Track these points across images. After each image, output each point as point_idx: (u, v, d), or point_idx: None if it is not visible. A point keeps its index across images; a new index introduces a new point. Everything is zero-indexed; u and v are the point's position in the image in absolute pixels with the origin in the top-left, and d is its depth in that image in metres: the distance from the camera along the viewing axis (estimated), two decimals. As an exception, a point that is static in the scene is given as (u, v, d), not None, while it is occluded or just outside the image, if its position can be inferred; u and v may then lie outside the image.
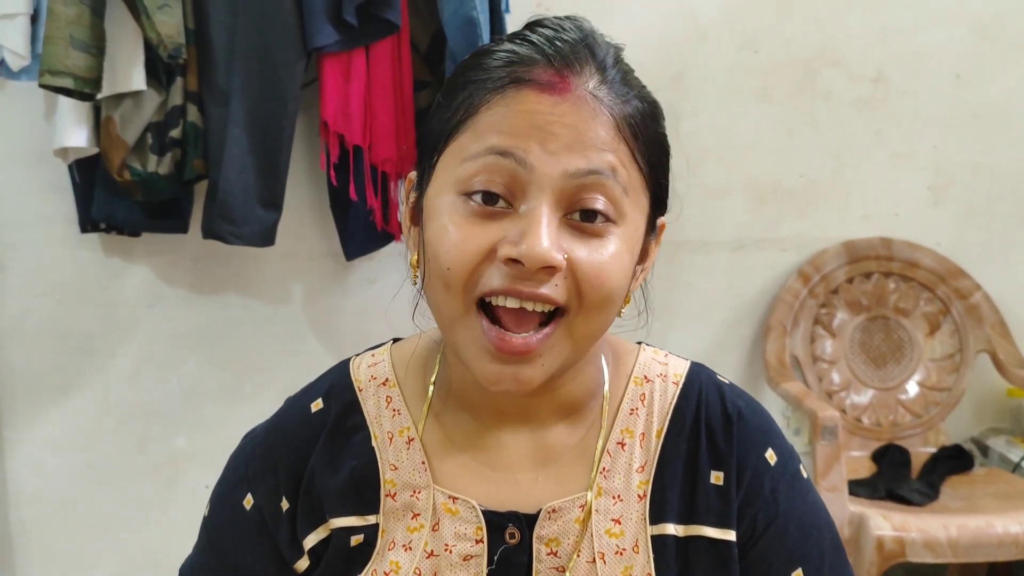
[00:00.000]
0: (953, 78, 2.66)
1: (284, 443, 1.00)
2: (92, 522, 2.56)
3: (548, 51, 0.85)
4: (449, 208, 0.84)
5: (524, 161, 0.82)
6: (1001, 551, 2.18)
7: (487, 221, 0.83)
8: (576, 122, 0.83)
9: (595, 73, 0.86)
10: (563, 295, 0.84)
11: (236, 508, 1.00)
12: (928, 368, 2.67)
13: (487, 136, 0.83)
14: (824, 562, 0.96)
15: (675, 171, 2.85)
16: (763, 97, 2.62)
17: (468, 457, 0.96)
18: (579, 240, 0.84)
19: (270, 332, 2.53)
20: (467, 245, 0.82)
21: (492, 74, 0.86)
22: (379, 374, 1.01)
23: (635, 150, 0.86)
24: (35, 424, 2.52)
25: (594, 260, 0.83)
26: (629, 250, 0.87)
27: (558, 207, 0.83)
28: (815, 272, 2.66)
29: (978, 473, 2.56)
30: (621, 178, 0.84)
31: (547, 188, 0.82)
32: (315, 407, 1.00)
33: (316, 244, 2.50)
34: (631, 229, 0.86)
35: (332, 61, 2.21)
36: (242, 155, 2.20)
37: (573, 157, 0.82)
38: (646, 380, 0.99)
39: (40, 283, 2.46)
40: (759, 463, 0.96)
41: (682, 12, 2.57)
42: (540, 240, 0.80)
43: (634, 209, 0.87)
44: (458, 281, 0.83)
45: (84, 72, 2.04)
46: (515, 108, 0.83)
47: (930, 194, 2.70)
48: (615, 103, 0.85)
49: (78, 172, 2.32)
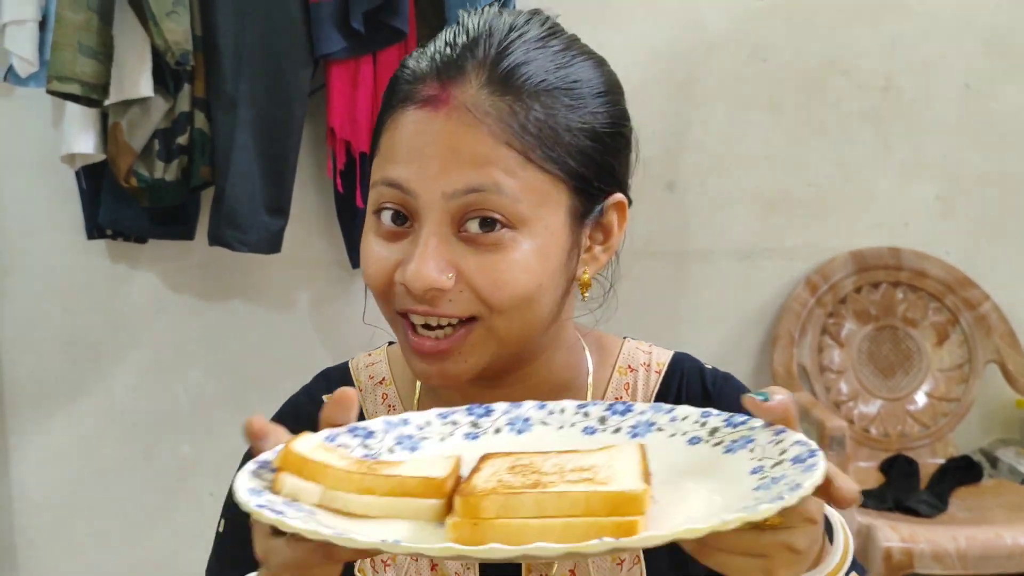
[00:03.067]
0: (962, 88, 2.65)
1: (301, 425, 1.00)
2: (97, 530, 2.55)
3: (436, 62, 0.86)
4: (369, 227, 0.89)
5: (408, 189, 0.85)
6: (1011, 563, 2.16)
7: (394, 241, 0.87)
8: (450, 140, 0.84)
9: (480, 76, 0.85)
10: (465, 307, 0.85)
11: None
12: (937, 378, 2.66)
13: (384, 165, 0.87)
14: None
15: (682, 180, 2.82)
16: (771, 106, 2.62)
17: None
18: (473, 252, 0.85)
19: (276, 339, 2.52)
20: (378, 266, 0.87)
21: (394, 94, 0.89)
22: (376, 373, 1.03)
23: (529, 153, 0.84)
24: (41, 431, 2.52)
25: (488, 271, 0.85)
26: (540, 250, 0.86)
27: (450, 224, 0.85)
28: (823, 281, 2.65)
29: (987, 484, 2.54)
30: (508, 188, 0.84)
31: (432, 210, 0.84)
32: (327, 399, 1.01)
33: (322, 251, 2.50)
34: (539, 228, 0.86)
35: (339, 68, 2.22)
36: (249, 162, 2.20)
37: (450, 177, 0.83)
38: (630, 370, 1.00)
39: (46, 289, 2.47)
40: None
41: (690, 21, 2.56)
42: (419, 266, 0.84)
43: (539, 209, 0.86)
44: (378, 296, 0.89)
45: (92, 78, 2.05)
46: (399, 132, 0.86)
47: (939, 204, 2.69)
48: (498, 108, 0.84)
49: (85, 178, 2.32)
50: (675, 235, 2.64)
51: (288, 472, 0.69)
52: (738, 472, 0.72)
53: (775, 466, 0.70)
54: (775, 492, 0.66)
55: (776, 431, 0.73)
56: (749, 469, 0.72)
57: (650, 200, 2.60)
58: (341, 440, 0.78)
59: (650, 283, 2.60)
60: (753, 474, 0.71)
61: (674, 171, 2.61)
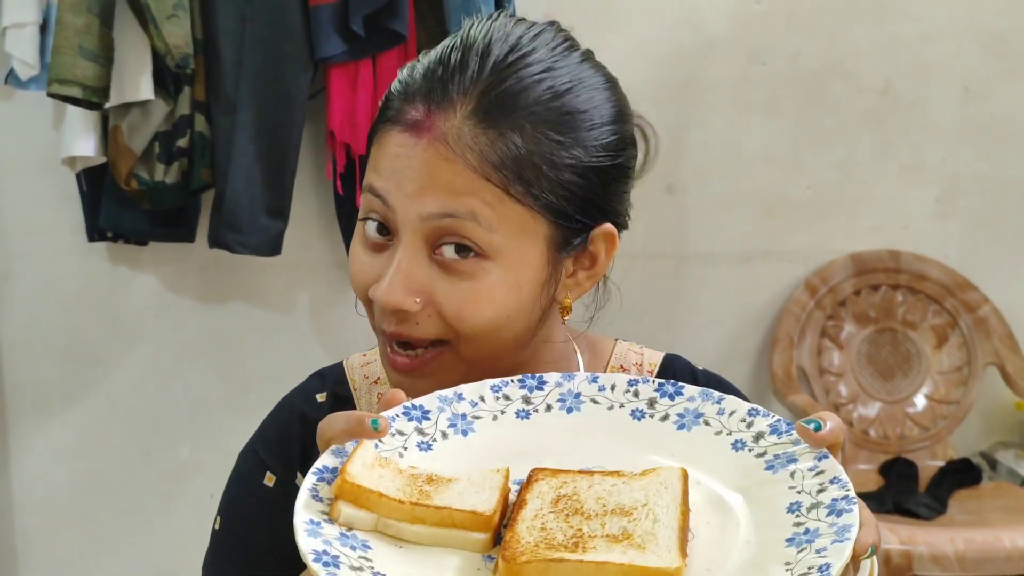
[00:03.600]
0: (962, 91, 2.65)
1: (295, 421, 1.01)
2: (97, 532, 2.56)
3: (428, 83, 0.86)
4: (358, 230, 0.90)
5: (388, 203, 0.85)
6: (1009, 565, 2.16)
7: (377, 252, 0.88)
8: (427, 168, 0.84)
9: (464, 106, 0.84)
10: (431, 331, 0.86)
11: (258, 491, 1.00)
12: (936, 381, 2.66)
13: (371, 173, 0.88)
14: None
15: (682, 183, 2.82)
16: (771, 109, 2.62)
17: None
18: (445, 277, 0.85)
19: (276, 342, 2.53)
20: (360, 277, 0.88)
21: (388, 105, 0.89)
22: (371, 373, 1.04)
23: (509, 186, 0.84)
24: (41, 433, 2.52)
25: (455, 298, 0.85)
26: (510, 280, 0.86)
27: (424, 245, 0.85)
28: (822, 284, 2.65)
29: (986, 487, 2.55)
30: (484, 217, 0.84)
31: (408, 229, 0.85)
32: (320, 398, 1.03)
33: (322, 254, 2.50)
34: (513, 259, 0.85)
35: (339, 71, 2.22)
36: (249, 165, 2.20)
37: (427, 200, 0.84)
38: (622, 369, 1.01)
39: (47, 291, 2.48)
40: None
41: (690, 24, 2.57)
42: (387, 287, 0.84)
43: (515, 240, 0.85)
44: (364, 307, 0.91)
45: (92, 81, 2.06)
46: (383, 149, 0.87)
47: (938, 207, 2.70)
48: (479, 143, 0.84)
49: (86, 181, 2.33)
50: (674, 237, 2.65)
51: (344, 501, 0.73)
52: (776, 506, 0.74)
53: (811, 509, 0.72)
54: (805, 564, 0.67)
55: (818, 456, 0.76)
56: (787, 504, 0.73)
57: (649, 202, 2.60)
58: (398, 425, 0.81)
59: (649, 285, 2.60)
60: (790, 513, 0.72)
61: (674, 173, 2.61)
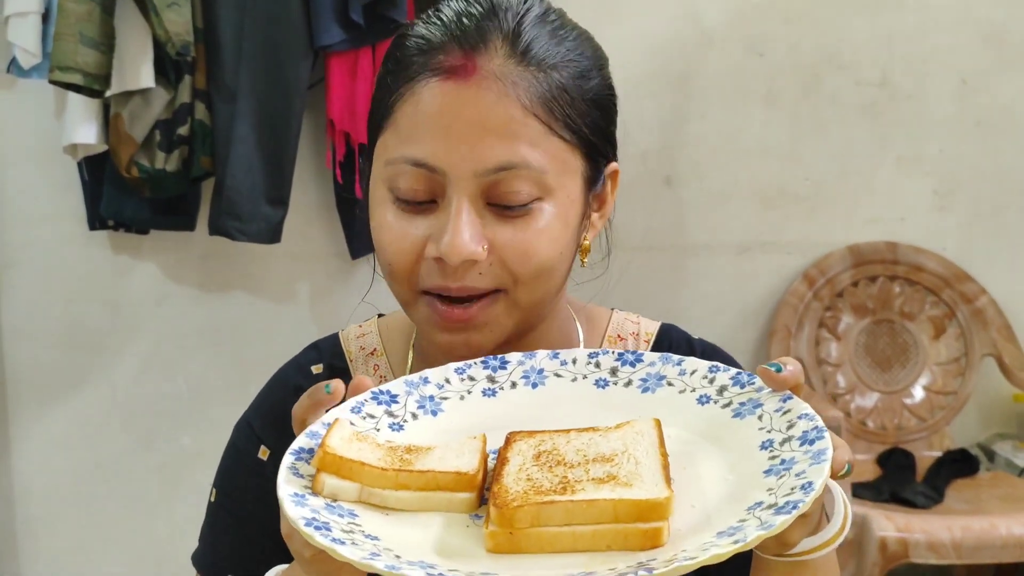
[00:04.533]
0: (959, 82, 2.66)
1: (289, 394, 1.01)
2: (98, 520, 2.57)
3: (455, 31, 0.86)
4: (383, 201, 0.88)
5: (436, 168, 0.84)
6: (1005, 552, 2.17)
7: (416, 216, 0.87)
8: (480, 111, 0.84)
9: (502, 47, 0.85)
10: (492, 280, 0.87)
11: (252, 464, 1.01)
12: (933, 372, 2.66)
13: (403, 142, 0.86)
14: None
15: (680, 175, 2.83)
16: (769, 101, 2.63)
17: None
18: (503, 223, 0.86)
19: (276, 330, 2.54)
20: (402, 243, 0.87)
21: (406, 64, 0.87)
22: (367, 344, 1.04)
23: (552, 123, 0.86)
24: (42, 422, 2.54)
25: (518, 241, 0.86)
26: (562, 218, 0.88)
27: (478, 198, 0.85)
28: (820, 275, 2.66)
29: (983, 477, 2.55)
30: (536, 161, 0.85)
31: (462, 187, 0.84)
32: (316, 370, 1.03)
33: (322, 243, 2.52)
34: (562, 196, 0.88)
35: (339, 60, 2.24)
36: (249, 153, 2.22)
37: (482, 155, 0.84)
38: (619, 339, 1.02)
39: (48, 280, 2.49)
40: None
41: (688, 16, 2.58)
42: (456, 237, 0.84)
43: (562, 177, 0.87)
44: (401, 276, 0.88)
45: (93, 68, 2.07)
46: (423, 105, 0.85)
47: (936, 198, 2.70)
48: (524, 78, 0.85)
49: (87, 170, 2.34)
50: (673, 229, 2.66)
51: (326, 472, 0.72)
52: (748, 446, 0.75)
53: (784, 443, 0.73)
54: (787, 486, 0.68)
55: (783, 397, 0.77)
56: (759, 443, 0.74)
57: (648, 194, 2.62)
58: (368, 409, 0.81)
59: (648, 277, 2.61)
60: (763, 450, 0.74)
61: (672, 166, 2.62)
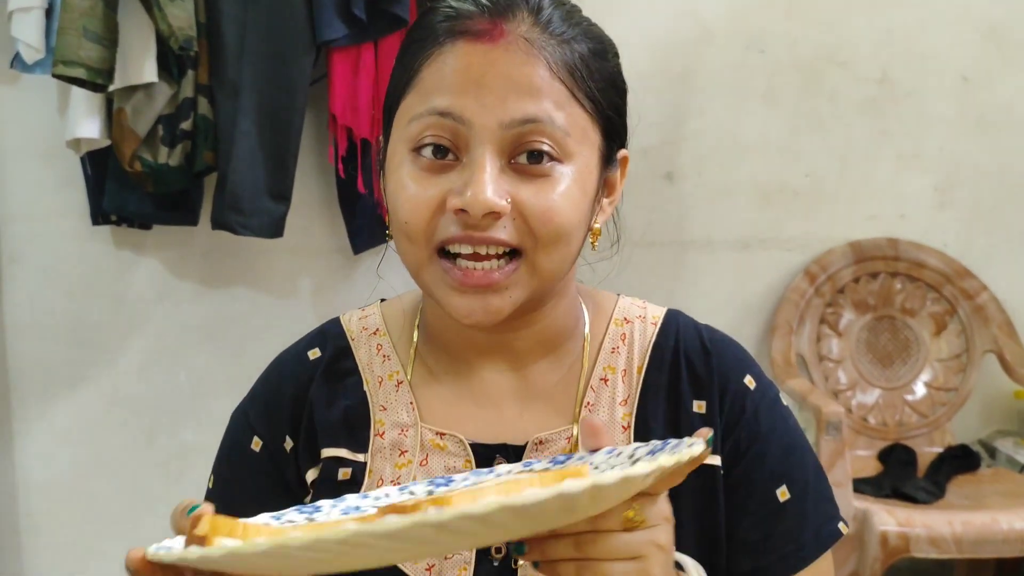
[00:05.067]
0: (960, 80, 2.67)
1: (284, 384, 1.03)
2: (100, 515, 2.57)
3: (483, 1, 0.89)
4: (403, 164, 0.89)
5: (462, 118, 0.86)
6: (1006, 547, 2.17)
7: (437, 174, 0.88)
8: (508, 69, 0.86)
9: (528, 16, 0.89)
10: (515, 236, 0.88)
11: (246, 455, 1.02)
12: (935, 368, 2.67)
13: (429, 96, 0.88)
14: (808, 481, 0.98)
15: (681, 171, 2.84)
16: (769, 97, 2.64)
17: (455, 396, 1.00)
18: (525, 182, 0.87)
19: (278, 326, 2.54)
20: (420, 198, 0.88)
21: (433, 31, 0.90)
22: (370, 325, 1.05)
23: (574, 89, 0.88)
24: (44, 416, 2.54)
25: (540, 199, 0.87)
26: (580, 186, 0.90)
27: (501, 154, 0.87)
28: (821, 272, 2.67)
29: (984, 473, 2.55)
30: (559, 120, 0.87)
31: (487, 139, 0.86)
32: (312, 355, 1.04)
33: (324, 239, 2.52)
34: (580, 165, 0.89)
35: (341, 55, 2.25)
36: (251, 147, 2.22)
37: (508, 108, 0.86)
38: (626, 321, 1.03)
39: (51, 275, 2.49)
40: (739, 387, 0.99)
41: (687, 12, 2.59)
42: (481, 188, 0.85)
43: (581, 146, 0.89)
44: (417, 232, 0.89)
45: (97, 63, 2.08)
46: (451, 63, 0.87)
47: (936, 195, 2.71)
48: (549, 45, 0.88)
49: (90, 165, 2.35)
50: (673, 225, 2.66)
51: (219, 536, 0.67)
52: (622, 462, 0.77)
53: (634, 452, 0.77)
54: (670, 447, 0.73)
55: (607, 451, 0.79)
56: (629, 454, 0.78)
57: (649, 190, 2.62)
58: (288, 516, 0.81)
59: (648, 273, 2.62)
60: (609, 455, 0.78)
61: (672, 161, 2.63)
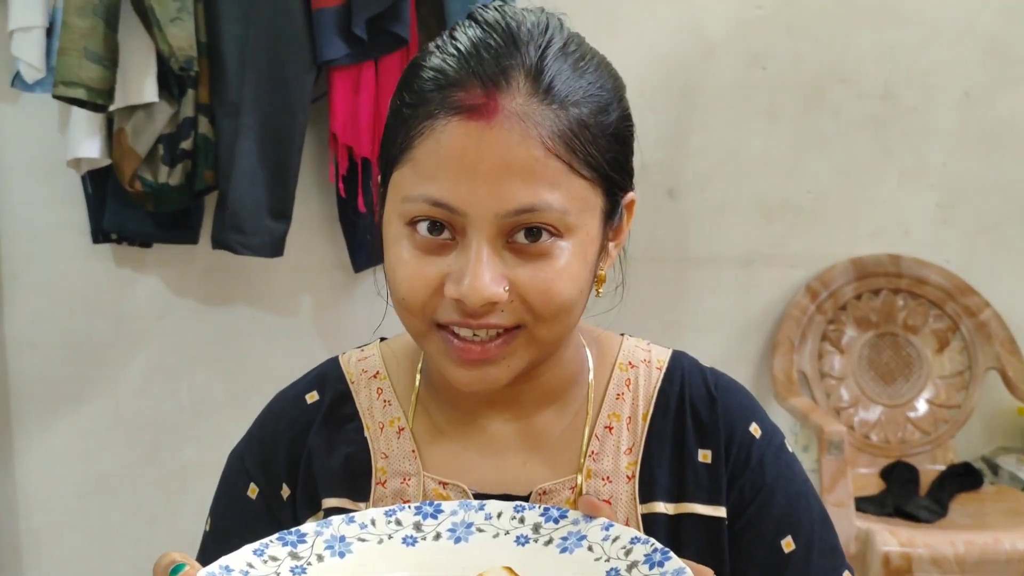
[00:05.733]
0: (962, 96, 2.66)
1: (281, 429, 1.01)
2: (100, 531, 2.57)
3: (474, 66, 0.84)
4: (399, 237, 0.87)
5: (457, 210, 0.83)
6: (1009, 567, 2.17)
7: (434, 254, 0.85)
8: (502, 153, 0.82)
9: (525, 83, 0.83)
10: (513, 318, 0.86)
11: (241, 500, 1.01)
12: (937, 385, 2.66)
13: (422, 180, 0.84)
14: (814, 530, 0.97)
15: (683, 187, 2.83)
16: (771, 114, 2.63)
17: (457, 445, 0.98)
18: (524, 262, 0.85)
19: (279, 343, 2.54)
20: (418, 280, 0.85)
21: (424, 99, 0.85)
22: (369, 367, 1.03)
23: (573, 162, 0.84)
24: (45, 433, 2.54)
25: (539, 280, 0.85)
26: (581, 255, 0.87)
27: (498, 237, 0.84)
28: (823, 288, 2.66)
29: (987, 491, 2.55)
30: (556, 203, 0.83)
31: (482, 228, 0.83)
32: (310, 399, 1.02)
33: (325, 256, 2.52)
34: (582, 235, 0.87)
35: (342, 74, 2.24)
36: (252, 166, 2.22)
37: (503, 197, 0.82)
38: (630, 366, 1.01)
39: (52, 293, 2.49)
40: (744, 437, 0.98)
41: (690, 29, 2.58)
42: (477, 280, 0.82)
43: (582, 216, 0.86)
44: (415, 309, 0.87)
45: (97, 83, 2.08)
46: (444, 144, 0.83)
47: (939, 211, 2.70)
48: (546, 118, 0.83)
49: (91, 183, 2.35)
50: (676, 242, 2.66)
51: None
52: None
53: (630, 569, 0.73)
54: None
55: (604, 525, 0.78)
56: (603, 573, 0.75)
57: (651, 207, 2.62)
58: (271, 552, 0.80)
59: (651, 289, 2.61)
60: None
61: (674, 178, 2.63)
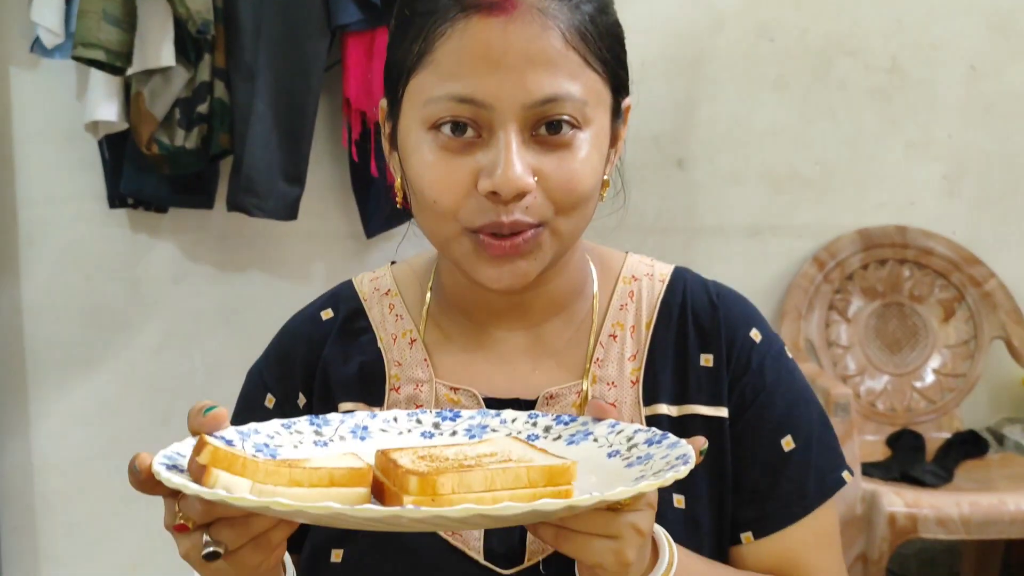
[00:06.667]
0: (968, 68, 2.69)
1: (298, 343, 1.06)
2: (114, 495, 2.59)
3: None
4: (423, 143, 0.89)
5: (484, 103, 0.85)
6: (1014, 528, 2.19)
7: (461, 153, 0.87)
8: (525, 44, 0.85)
9: None
10: (538, 213, 0.88)
11: (259, 411, 1.04)
12: (943, 354, 2.68)
13: (446, 80, 0.86)
14: (813, 431, 1.00)
15: (692, 158, 2.85)
16: (779, 85, 2.66)
17: (467, 354, 1.02)
18: (547, 153, 0.88)
19: (292, 309, 2.55)
20: (448, 180, 0.88)
21: (440, 2, 0.87)
22: (381, 286, 1.07)
23: (587, 55, 0.88)
24: (61, 397, 2.57)
25: (564, 171, 0.88)
26: (598, 148, 0.91)
27: (523, 130, 0.87)
28: (830, 259, 2.68)
29: (993, 458, 2.56)
30: (577, 93, 0.87)
31: (509, 120, 0.86)
32: (325, 315, 1.07)
33: (338, 223, 2.55)
34: (597, 128, 0.90)
35: (355, 39, 2.27)
36: (267, 130, 2.25)
37: (528, 87, 0.85)
38: (634, 279, 1.05)
39: (68, 258, 2.52)
40: (745, 341, 1.01)
41: (699, 1, 2.61)
42: (510, 169, 0.85)
43: (596, 110, 0.90)
44: (446, 212, 0.89)
45: (115, 46, 2.11)
46: (467, 42, 0.85)
47: (945, 183, 2.73)
48: (562, 12, 0.87)
49: (108, 149, 2.38)
50: (684, 212, 2.68)
51: (218, 468, 0.72)
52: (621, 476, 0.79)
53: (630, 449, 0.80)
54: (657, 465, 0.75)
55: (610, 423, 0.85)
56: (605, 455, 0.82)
57: (660, 177, 2.65)
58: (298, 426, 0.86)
59: (659, 258, 2.62)
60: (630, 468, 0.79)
61: (683, 148, 2.65)
